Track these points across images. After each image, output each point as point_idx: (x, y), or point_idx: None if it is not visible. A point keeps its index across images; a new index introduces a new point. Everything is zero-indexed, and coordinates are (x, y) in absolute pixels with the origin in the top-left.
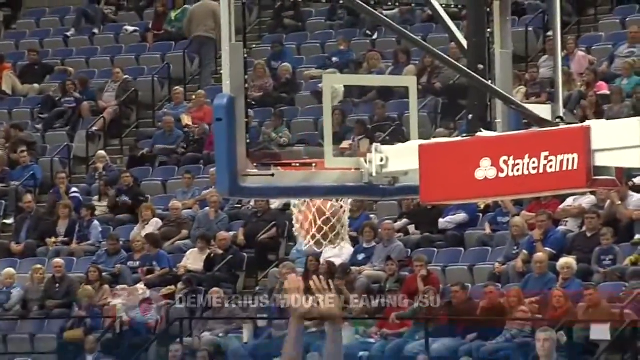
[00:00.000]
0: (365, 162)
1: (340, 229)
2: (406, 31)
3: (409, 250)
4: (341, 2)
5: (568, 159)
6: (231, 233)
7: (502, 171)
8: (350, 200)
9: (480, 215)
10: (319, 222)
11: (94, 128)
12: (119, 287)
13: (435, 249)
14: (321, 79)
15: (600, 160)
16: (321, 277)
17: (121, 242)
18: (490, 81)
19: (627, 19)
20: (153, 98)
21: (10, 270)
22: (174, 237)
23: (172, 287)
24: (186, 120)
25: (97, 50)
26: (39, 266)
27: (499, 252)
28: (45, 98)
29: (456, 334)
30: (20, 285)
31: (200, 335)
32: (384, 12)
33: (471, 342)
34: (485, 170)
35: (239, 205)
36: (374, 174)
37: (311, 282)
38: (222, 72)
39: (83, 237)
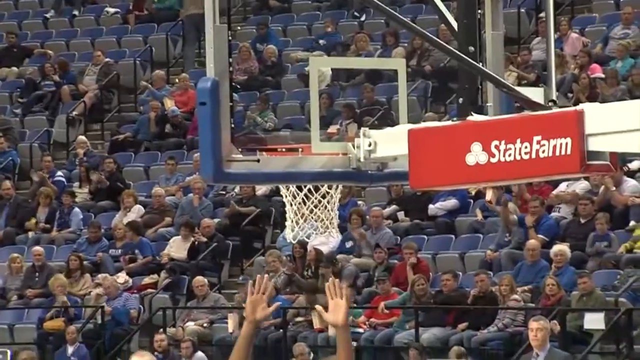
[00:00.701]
0: (353, 147)
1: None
2: (395, 12)
3: (398, 237)
4: None
5: (561, 144)
6: (215, 220)
7: (494, 156)
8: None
9: (472, 201)
10: (306, 208)
11: (74, 112)
12: (100, 275)
13: (425, 236)
14: (307, 62)
15: (594, 144)
16: (337, 281)
17: (102, 230)
18: (481, 64)
19: (621, 0)
20: (135, 82)
21: None
22: (156, 225)
23: (155, 275)
24: (169, 104)
25: (77, 32)
26: (16, 255)
27: (490, 239)
28: (26, 81)
29: (447, 323)
30: None
31: (184, 325)
32: None
33: (462, 332)
34: (476, 155)
35: (224, 192)
36: (362, 159)
37: (326, 285)
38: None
39: (63, 224)
